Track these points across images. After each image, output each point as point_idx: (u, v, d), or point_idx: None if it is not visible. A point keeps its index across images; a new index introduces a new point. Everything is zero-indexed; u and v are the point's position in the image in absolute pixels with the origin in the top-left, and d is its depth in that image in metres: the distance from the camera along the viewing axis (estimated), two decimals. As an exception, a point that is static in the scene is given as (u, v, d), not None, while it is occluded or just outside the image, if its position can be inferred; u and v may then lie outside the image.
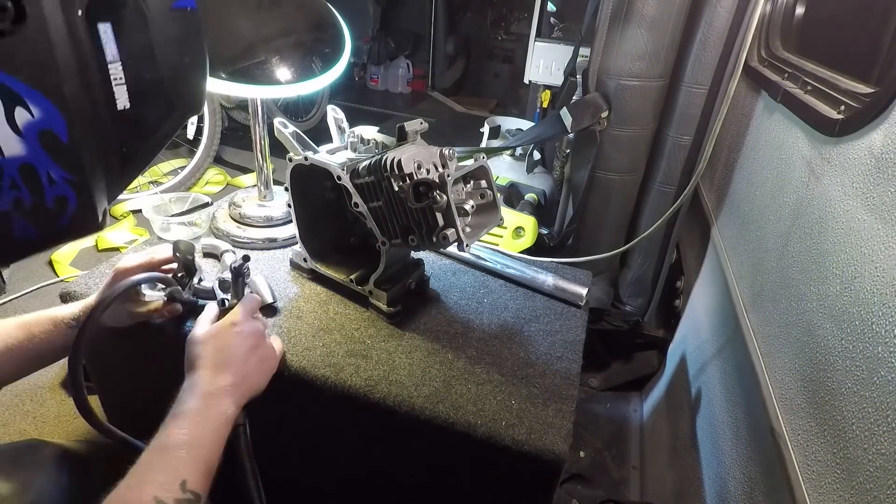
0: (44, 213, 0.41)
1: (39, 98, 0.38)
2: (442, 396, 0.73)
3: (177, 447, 0.52)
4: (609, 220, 1.43)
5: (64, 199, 0.42)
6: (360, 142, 0.86)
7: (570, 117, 1.32)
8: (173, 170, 2.52)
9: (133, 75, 0.43)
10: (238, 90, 0.85)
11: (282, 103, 3.11)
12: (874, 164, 0.63)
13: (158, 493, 0.47)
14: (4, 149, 0.37)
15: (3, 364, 0.66)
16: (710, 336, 1.12)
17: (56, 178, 0.41)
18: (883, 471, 0.51)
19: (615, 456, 1.36)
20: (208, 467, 0.52)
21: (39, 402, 1.30)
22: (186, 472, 0.50)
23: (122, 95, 0.43)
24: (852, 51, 0.96)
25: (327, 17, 1.02)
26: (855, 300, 0.61)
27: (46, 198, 0.41)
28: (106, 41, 0.41)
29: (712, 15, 1.14)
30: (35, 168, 0.39)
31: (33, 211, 0.40)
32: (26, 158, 0.38)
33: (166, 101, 0.48)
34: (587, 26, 1.64)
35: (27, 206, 0.40)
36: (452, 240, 0.69)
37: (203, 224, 1.09)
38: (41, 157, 0.39)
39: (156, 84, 0.46)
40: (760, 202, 0.98)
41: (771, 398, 0.77)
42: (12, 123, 0.37)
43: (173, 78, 0.47)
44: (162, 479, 0.49)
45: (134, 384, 0.95)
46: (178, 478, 0.49)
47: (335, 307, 0.90)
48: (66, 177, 0.41)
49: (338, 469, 0.89)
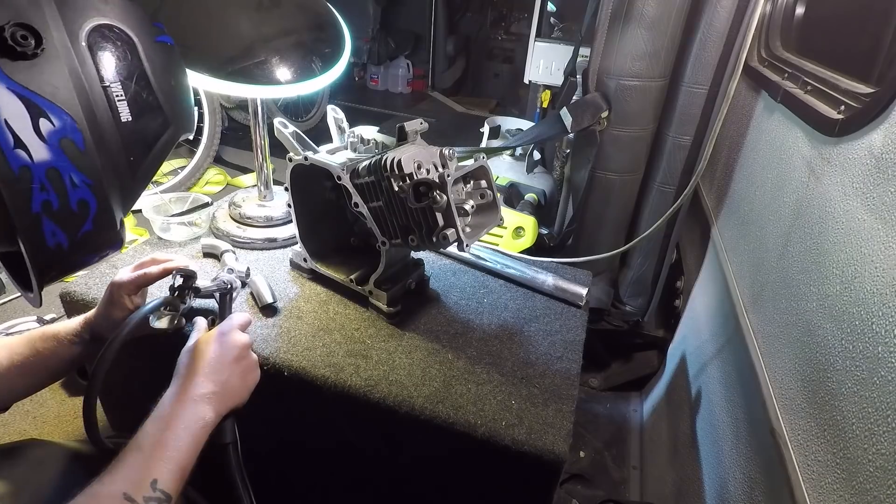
0: (69, 216, 0.48)
1: (59, 111, 0.46)
2: (442, 396, 0.73)
3: (151, 447, 0.53)
4: (609, 220, 1.43)
5: (85, 203, 0.49)
6: (360, 142, 0.86)
7: (570, 117, 1.32)
8: (173, 170, 2.52)
9: (132, 94, 0.52)
10: (238, 90, 0.85)
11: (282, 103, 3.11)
12: (874, 164, 0.63)
13: (128, 489, 0.49)
14: (33, 154, 0.44)
15: (12, 380, 0.68)
16: (710, 336, 1.12)
17: (77, 182, 0.48)
18: (883, 471, 0.51)
19: (615, 456, 1.36)
20: (181, 469, 0.54)
21: (39, 402, 1.30)
22: (158, 472, 0.51)
23: (125, 110, 0.51)
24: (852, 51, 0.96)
25: (327, 17, 1.02)
26: (855, 300, 0.61)
27: (70, 200, 0.47)
28: (107, 65, 0.50)
29: (712, 15, 1.15)
30: (59, 172, 0.46)
31: (60, 213, 0.47)
32: (51, 163, 0.45)
33: (162, 117, 0.56)
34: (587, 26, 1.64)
35: (55, 209, 0.46)
36: (452, 240, 0.69)
37: (203, 224, 1.09)
38: (64, 161, 0.46)
39: (152, 102, 0.54)
40: (760, 202, 0.98)
41: (771, 398, 0.77)
42: (38, 132, 0.44)
43: (166, 99, 0.55)
44: (134, 477, 0.50)
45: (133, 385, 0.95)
46: (149, 477, 0.51)
47: (335, 307, 0.90)
48: (85, 181, 0.48)
49: (337, 469, 0.89)
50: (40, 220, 0.46)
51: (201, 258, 1.02)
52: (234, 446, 0.62)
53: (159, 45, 0.55)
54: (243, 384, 0.65)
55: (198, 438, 0.57)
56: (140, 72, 0.53)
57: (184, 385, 0.60)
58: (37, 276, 0.49)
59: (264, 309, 0.88)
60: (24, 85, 0.44)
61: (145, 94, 0.53)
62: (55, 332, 0.72)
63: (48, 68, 0.45)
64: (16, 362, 0.68)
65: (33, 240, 0.46)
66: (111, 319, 0.72)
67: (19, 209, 0.44)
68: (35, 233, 0.46)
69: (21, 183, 0.43)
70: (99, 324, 0.73)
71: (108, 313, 0.73)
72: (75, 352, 0.72)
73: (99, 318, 0.73)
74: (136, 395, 0.66)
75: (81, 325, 0.73)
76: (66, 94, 0.46)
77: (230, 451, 0.61)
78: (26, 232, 0.45)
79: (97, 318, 0.73)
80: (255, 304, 0.89)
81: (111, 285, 0.74)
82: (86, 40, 0.48)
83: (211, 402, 0.60)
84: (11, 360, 0.68)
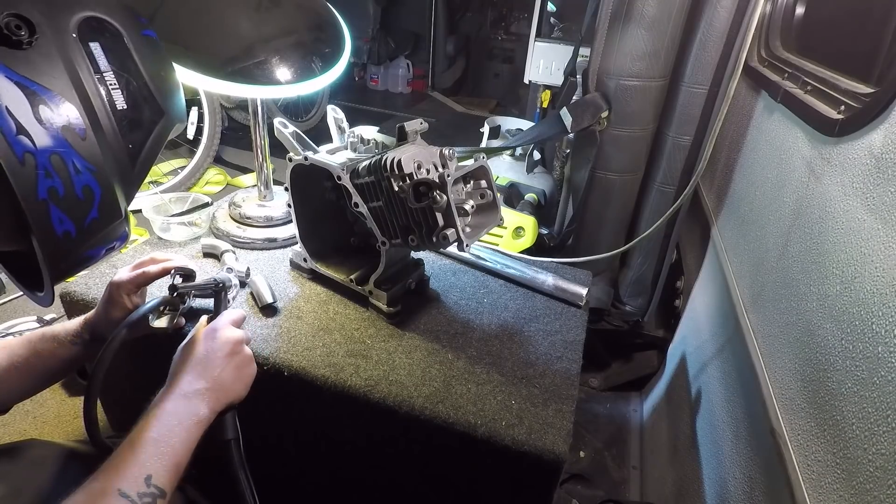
0: (76, 203, 0.48)
1: (57, 98, 0.47)
2: (442, 396, 0.73)
3: (145, 443, 0.53)
4: (609, 220, 1.43)
5: (90, 189, 0.49)
6: (360, 142, 0.86)
7: (570, 117, 1.32)
8: (173, 170, 2.52)
9: (124, 83, 0.53)
10: (238, 90, 0.85)
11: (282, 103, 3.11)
12: (874, 164, 0.63)
13: (122, 485, 0.49)
14: (36, 140, 0.44)
15: (11, 382, 0.68)
16: (710, 336, 1.12)
17: (80, 168, 0.48)
18: (883, 471, 0.51)
19: (615, 456, 1.36)
20: (176, 465, 0.54)
21: (39, 402, 1.30)
22: (153, 468, 0.52)
23: (120, 98, 0.52)
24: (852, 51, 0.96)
25: (327, 17, 1.02)
26: (855, 300, 0.61)
27: (75, 186, 0.48)
28: (98, 56, 0.51)
29: (712, 15, 1.15)
30: (62, 158, 0.47)
31: (66, 200, 0.47)
32: (54, 148, 0.46)
33: (156, 106, 0.57)
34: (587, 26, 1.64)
35: (61, 196, 0.47)
36: (452, 240, 0.69)
37: (203, 224, 1.09)
38: (66, 147, 0.47)
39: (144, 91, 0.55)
40: (760, 202, 0.98)
41: (771, 398, 0.77)
42: (39, 119, 0.45)
43: (157, 88, 0.56)
44: (127, 473, 0.50)
45: (133, 385, 0.95)
46: (143, 473, 0.51)
47: (335, 307, 0.90)
48: (88, 167, 0.49)
49: (337, 469, 0.89)
50: (48, 207, 0.46)
51: (201, 258, 1.02)
52: (235, 442, 0.62)
53: (146, 38, 0.56)
54: (238, 379, 0.65)
55: (192, 434, 0.57)
56: (130, 62, 0.54)
57: (175, 382, 0.60)
58: (48, 267, 0.49)
59: (264, 309, 0.88)
60: (21, 73, 0.44)
61: (137, 84, 0.54)
62: (54, 332, 0.72)
63: (43, 58, 0.46)
64: (15, 363, 0.68)
65: (43, 227, 0.46)
66: (111, 319, 0.72)
67: (27, 196, 0.44)
68: (44, 220, 0.46)
69: (26, 169, 0.44)
70: (98, 324, 0.73)
71: (107, 313, 0.73)
72: (75, 352, 0.72)
73: (98, 318, 0.73)
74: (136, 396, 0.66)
75: (81, 326, 0.73)
76: (63, 82, 0.47)
77: (232, 447, 0.61)
78: (35, 219, 0.45)
79: (97, 319, 0.73)
80: (255, 304, 0.89)
81: (110, 285, 0.74)
82: (76, 31, 0.49)
83: (204, 397, 0.60)
84: (11, 361, 0.68)
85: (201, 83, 0.83)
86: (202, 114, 2.40)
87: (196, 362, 0.62)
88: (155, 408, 0.58)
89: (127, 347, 0.67)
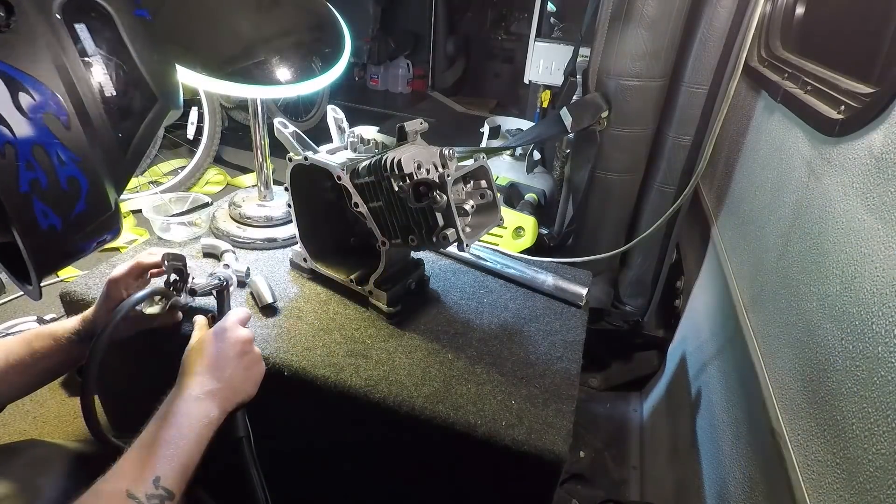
0: (60, 195, 0.46)
1: (38, 84, 0.43)
2: (442, 396, 0.73)
3: (154, 445, 0.53)
4: (609, 220, 1.43)
5: (75, 180, 0.46)
6: (360, 142, 0.86)
7: (570, 117, 1.32)
8: (173, 170, 2.52)
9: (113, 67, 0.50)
10: (238, 90, 0.85)
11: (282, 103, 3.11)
12: (874, 164, 0.63)
13: (131, 487, 0.49)
14: (15, 130, 0.42)
15: (8, 380, 0.68)
16: (710, 336, 1.12)
17: (65, 159, 0.45)
18: (883, 471, 0.51)
19: (615, 456, 1.36)
20: (185, 467, 0.54)
21: (39, 402, 1.30)
22: (162, 469, 0.52)
23: (108, 84, 0.49)
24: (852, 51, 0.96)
25: (327, 17, 1.02)
26: (855, 300, 0.61)
27: (60, 178, 0.45)
28: (84, 38, 0.47)
29: (712, 15, 1.14)
30: (45, 148, 0.44)
31: (50, 192, 0.45)
32: (36, 139, 0.43)
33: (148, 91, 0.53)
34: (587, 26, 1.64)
35: (44, 188, 0.44)
36: (452, 240, 0.69)
37: (203, 224, 1.09)
38: (48, 137, 0.44)
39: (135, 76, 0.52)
40: (760, 202, 0.98)
41: (771, 398, 0.77)
42: (19, 107, 0.42)
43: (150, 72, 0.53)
44: (136, 474, 0.50)
45: (133, 386, 0.95)
46: (152, 474, 0.51)
47: (335, 307, 0.90)
48: (73, 157, 0.46)
49: (338, 468, 0.89)
50: (30, 201, 0.43)
51: (201, 258, 1.02)
52: (247, 440, 0.62)
53: (138, 19, 0.53)
54: (248, 378, 0.65)
55: (202, 436, 0.57)
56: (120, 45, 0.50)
57: (186, 383, 0.60)
58: (32, 261, 0.47)
59: (264, 309, 0.88)
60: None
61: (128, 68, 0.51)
62: (52, 331, 0.72)
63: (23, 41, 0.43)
64: (11, 362, 0.68)
65: (25, 222, 0.44)
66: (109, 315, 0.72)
67: (7, 189, 0.42)
68: (26, 214, 0.44)
69: (6, 161, 0.41)
70: (97, 321, 0.73)
71: (105, 309, 0.73)
72: (73, 350, 0.72)
73: (96, 315, 0.73)
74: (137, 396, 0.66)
75: (79, 323, 0.73)
76: (45, 67, 0.44)
77: (244, 444, 0.62)
78: (17, 214, 0.43)
79: (95, 316, 0.73)
80: (255, 304, 0.89)
81: (108, 282, 0.74)
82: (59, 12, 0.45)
83: (215, 398, 0.60)
84: (7, 359, 0.68)
85: (201, 83, 0.83)
86: (202, 114, 2.40)
87: (207, 363, 0.62)
88: (164, 409, 0.58)
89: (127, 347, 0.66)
